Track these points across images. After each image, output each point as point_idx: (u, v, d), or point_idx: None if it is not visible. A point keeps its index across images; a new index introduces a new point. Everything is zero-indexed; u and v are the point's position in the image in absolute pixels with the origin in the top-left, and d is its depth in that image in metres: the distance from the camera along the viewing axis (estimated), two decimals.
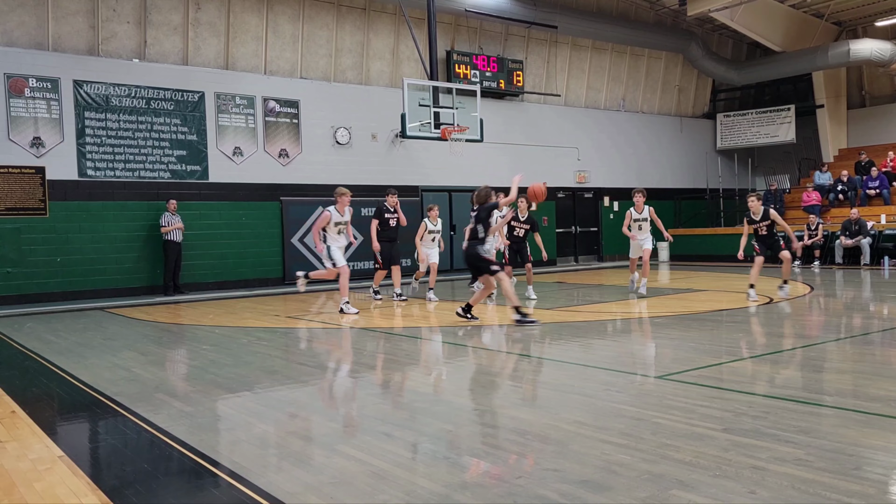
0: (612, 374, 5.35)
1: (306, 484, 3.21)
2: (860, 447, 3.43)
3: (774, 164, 23.68)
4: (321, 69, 16.05)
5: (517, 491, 3.01)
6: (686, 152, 22.79)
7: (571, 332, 7.94)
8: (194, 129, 14.23)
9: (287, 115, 15.36)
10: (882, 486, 2.97)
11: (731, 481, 3.01)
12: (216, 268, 14.49)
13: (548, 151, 19.34)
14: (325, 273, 10.19)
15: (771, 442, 3.52)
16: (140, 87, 13.65)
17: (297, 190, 15.40)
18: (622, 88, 21.36)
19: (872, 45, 18.66)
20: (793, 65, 20.39)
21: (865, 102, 22.39)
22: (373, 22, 16.62)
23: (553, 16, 18.12)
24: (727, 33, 22.21)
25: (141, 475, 3.51)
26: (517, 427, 4.02)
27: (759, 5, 18.85)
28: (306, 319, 9.74)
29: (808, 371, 5.44)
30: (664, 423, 3.94)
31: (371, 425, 4.24)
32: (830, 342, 6.62)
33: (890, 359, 5.92)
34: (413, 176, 16.87)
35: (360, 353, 7.24)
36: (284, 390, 5.31)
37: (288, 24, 15.52)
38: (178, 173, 14.08)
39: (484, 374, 5.99)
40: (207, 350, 7.42)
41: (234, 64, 14.95)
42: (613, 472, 3.19)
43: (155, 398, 5.06)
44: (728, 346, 6.79)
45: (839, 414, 4.09)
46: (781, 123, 21.99)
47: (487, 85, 17.68)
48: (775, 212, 10.29)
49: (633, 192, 11.60)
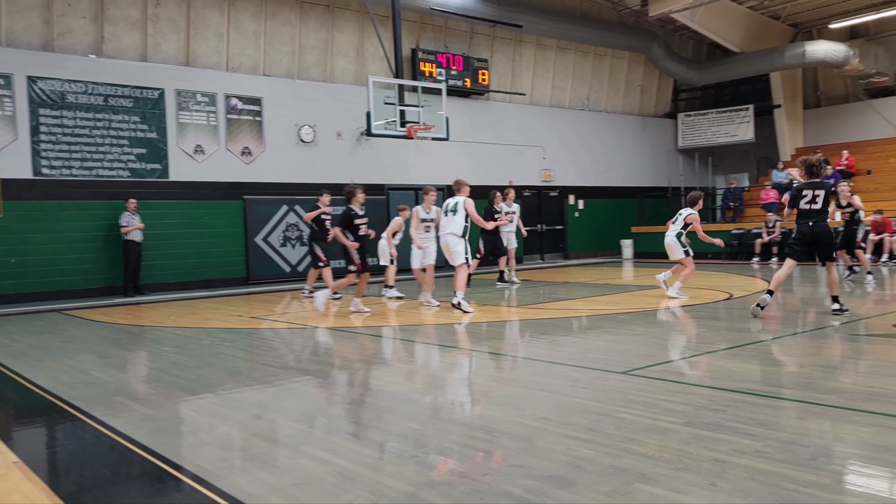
0: (577, 371, 5.40)
1: (270, 485, 3.18)
2: (816, 438, 3.52)
3: (734, 162, 24.17)
4: (285, 66, 15.89)
5: (483, 488, 3.02)
6: (649, 151, 23.12)
7: (538, 330, 7.99)
8: (154, 126, 13.97)
9: (250, 113, 15.17)
10: (836, 476, 3.05)
11: (693, 474, 3.06)
12: (178, 268, 14.25)
13: (513, 150, 19.44)
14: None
15: (731, 435, 3.58)
16: (97, 84, 13.35)
17: (261, 188, 15.23)
18: (586, 88, 21.57)
19: (827, 46, 19.14)
20: (751, 65, 20.82)
21: (821, 103, 22.97)
22: (337, 19, 16.51)
23: (518, 15, 18.20)
24: (688, 34, 22.58)
25: (100, 480, 3.44)
26: (484, 424, 4.04)
27: (718, 7, 19.20)
28: (270, 320, 9.64)
29: (767, 365, 5.57)
30: (628, 417, 3.99)
31: (337, 425, 4.21)
32: (787, 336, 6.78)
33: (844, 352, 6.08)
34: (379, 174, 16.81)
35: (326, 353, 7.20)
36: (248, 392, 5.24)
37: (250, 20, 15.32)
38: (138, 172, 13.81)
39: (450, 371, 6.00)
40: (169, 352, 7.30)
41: (195, 60, 14.71)
42: (578, 467, 3.22)
43: (114, 401, 4.96)
44: (689, 341, 6.91)
45: (796, 406, 4.19)
46: (740, 123, 22.43)
47: (453, 83, 17.70)
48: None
49: (423, 191, 10.80)
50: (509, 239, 13.41)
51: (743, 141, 22.55)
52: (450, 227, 9.58)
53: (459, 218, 9.49)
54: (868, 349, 6.16)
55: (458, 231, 9.46)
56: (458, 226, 9.47)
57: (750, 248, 17.71)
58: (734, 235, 18.65)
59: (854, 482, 3.01)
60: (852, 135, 21.49)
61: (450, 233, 9.57)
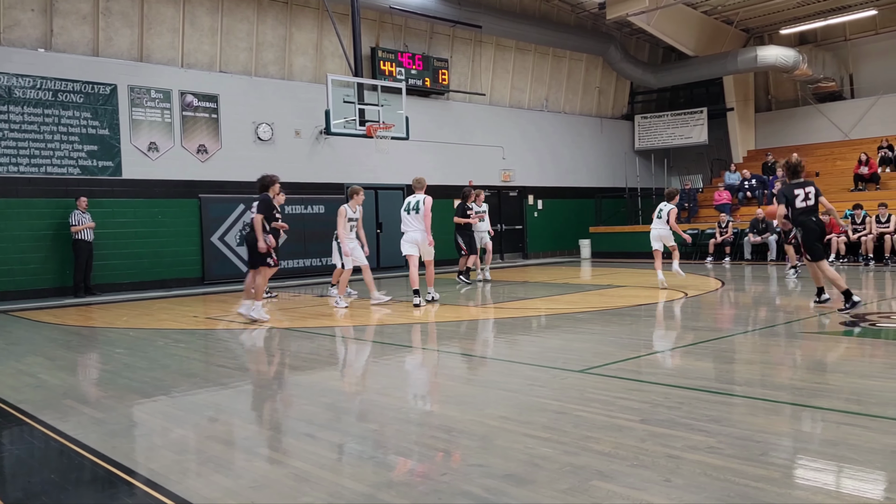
0: (536, 370, 5.44)
1: (226, 489, 3.12)
2: (766, 434, 3.61)
3: (688, 164, 24.66)
4: (242, 63, 15.66)
5: (442, 488, 3.02)
6: (606, 152, 23.44)
7: (497, 329, 8.03)
8: (106, 123, 13.63)
9: (206, 110, 14.91)
10: (786, 471, 3.13)
11: (648, 470, 3.11)
12: (131, 268, 13.93)
13: (473, 150, 19.51)
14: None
15: (685, 431, 3.65)
16: (46, 79, 12.97)
17: (217, 187, 14.98)
18: (545, 89, 21.76)
19: (777, 51, 19.67)
20: (705, 69, 21.28)
21: (771, 106, 23.61)
22: (295, 16, 16.34)
23: (477, 15, 18.27)
24: (644, 37, 22.96)
25: (49, 486, 3.34)
26: (442, 424, 4.04)
27: (674, 11, 19.57)
28: (226, 320, 9.49)
29: (719, 362, 5.69)
30: (585, 415, 4.03)
31: (294, 427, 4.17)
32: (739, 334, 6.95)
33: (793, 349, 6.26)
34: (338, 173, 16.68)
35: (282, 354, 7.11)
36: (203, 393, 5.15)
37: (206, 15, 15.06)
38: (89, 169, 13.46)
39: (409, 371, 5.99)
40: (121, 353, 7.12)
41: (149, 56, 14.40)
42: (536, 465, 3.25)
43: (63, 405, 4.82)
44: (646, 339, 7.02)
45: (748, 403, 4.30)
46: (695, 125, 22.91)
47: (413, 83, 17.67)
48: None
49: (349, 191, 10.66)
50: (482, 237, 13.68)
51: (697, 143, 23.03)
52: (414, 223, 9.81)
53: (422, 215, 9.75)
54: (816, 346, 6.35)
55: (422, 227, 9.74)
56: (421, 223, 9.75)
57: (704, 247, 18.10)
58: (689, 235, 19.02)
59: (802, 476, 3.10)
60: (801, 138, 22.13)
61: (417, 229, 9.79)
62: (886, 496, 2.82)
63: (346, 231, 10.25)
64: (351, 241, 10.28)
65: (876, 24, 20.76)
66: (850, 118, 21.50)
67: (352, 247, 10.25)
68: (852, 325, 7.09)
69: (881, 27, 20.83)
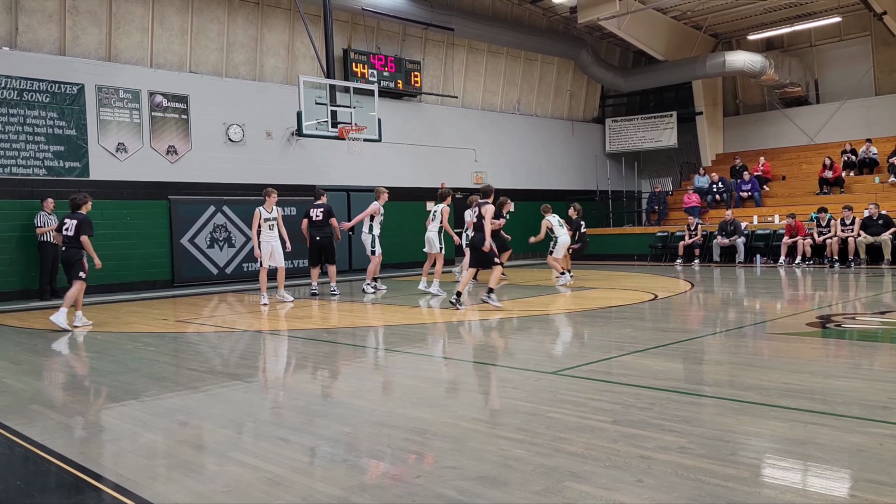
0: (508, 371, 5.47)
1: (197, 493, 3.09)
2: (736, 433, 3.67)
3: (658, 167, 24.96)
4: (212, 63, 15.49)
5: (416, 490, 3.02)
6: (577, 155, 23.61)
7: (470, 331, 8.04)
8: (73, 123, 13.38)
9: (175, 111, 14.72)
10: (755, 470, 3.19)
11: (620, 471, 3.15)
12: (98, 270, 13.60)
13: (446, 152, 19.52)
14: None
15: (656, 432, 3.70)
16: (10, 78, 12.69)
17: (187, 188, 14.78)
18: (517, 92, 21.86)
19: (745, 57, 20.01)
20: (674, 73, 21.55)
21: (739, 110, 24.00)
22: (267, 17, 16.21)
23: (450, 18, 18.29)
24: (615, 41, 23.19)
25: (13, 493, 3.27)
26: (416, 426, 4.03)
27: (644, 16, 19.80)
28: (197, 323, 9.37)
29: (689, 363, 5.77)
30: (558, 417, 4.06)
31: (266, 430, 4.13)
32: (708, 335, 7.05)
33: (761, 350, 6.37)
34: (311, 175, 16.57)
35: (254, 357, 7.05)
36: (174, 397, 5.08)
37: (175, 15, 14.87)
38: (56, 170, 13.20)
39: (382, 374, 5.97)
40: (89, 357, 7.00)
41: (118, 56, 14.17)
42: (510, 466, 3.26)
43: (29, 410, 4.72)
44: (617, 341, 7.09)
45: (717, 403, 4.36)
46: (664, 129, 23.19)
47: (385, 85, 17.64)
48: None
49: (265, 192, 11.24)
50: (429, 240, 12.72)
51: (666, 146, 23.31)
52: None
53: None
54: (783, 347, 6.46)
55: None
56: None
57: (674, 250, 18.32)
58: (658, 238, 19.27)
59: (771, 475, 3.16)
60: (768, 142, 22.53)
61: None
62: (852, 494, 2.88)
63: (265, 231, 11.04)
64: (267, 242, 11.03)
65: (840, 30, 21.24)
66: (815, 123, 21.94)
67: (267, 249, 11.04)
68: (819, 326, 7.23)
69: (845, 34, 21.31)
